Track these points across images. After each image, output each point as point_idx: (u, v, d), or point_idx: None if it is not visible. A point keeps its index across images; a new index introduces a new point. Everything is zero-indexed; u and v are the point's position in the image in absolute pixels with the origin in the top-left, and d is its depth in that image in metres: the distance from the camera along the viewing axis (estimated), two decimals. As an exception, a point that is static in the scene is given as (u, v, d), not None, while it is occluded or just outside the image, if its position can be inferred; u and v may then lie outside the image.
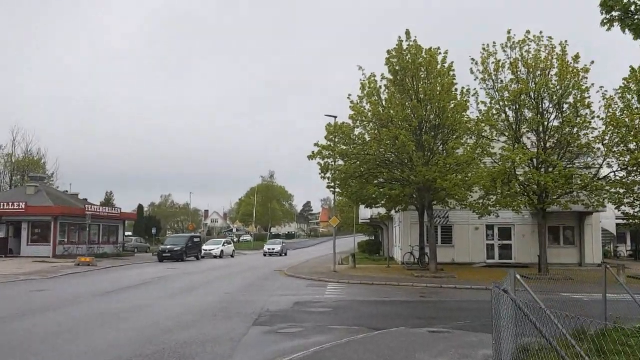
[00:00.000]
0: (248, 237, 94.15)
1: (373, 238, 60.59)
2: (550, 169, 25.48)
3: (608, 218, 39.54)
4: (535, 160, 25.97)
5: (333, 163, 27.22)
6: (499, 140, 26.69)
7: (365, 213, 45.82)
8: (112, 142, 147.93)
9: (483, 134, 26.68)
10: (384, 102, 26.29)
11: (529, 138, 27.00)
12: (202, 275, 28.50)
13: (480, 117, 26.32)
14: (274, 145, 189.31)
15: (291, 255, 55.51)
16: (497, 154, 25.76)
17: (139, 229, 74.36)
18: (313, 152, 27.21)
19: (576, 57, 25.76)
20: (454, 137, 25.60)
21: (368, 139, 26.48)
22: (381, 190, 26.60)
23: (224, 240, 53.81)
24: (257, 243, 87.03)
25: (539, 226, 27.48)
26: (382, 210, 33.42)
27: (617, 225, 41.94)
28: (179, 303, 16.43)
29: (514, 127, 26.16)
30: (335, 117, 27.50)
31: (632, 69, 27.25)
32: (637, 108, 26.39)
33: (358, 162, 26.87)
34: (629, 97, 27.22)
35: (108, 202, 78.97)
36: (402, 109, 24.92)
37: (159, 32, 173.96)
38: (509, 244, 35.00)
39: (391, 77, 26.13)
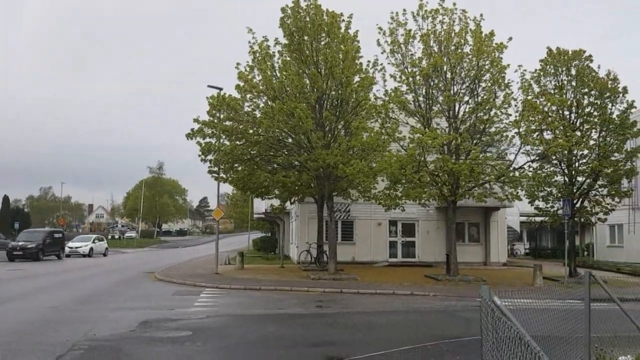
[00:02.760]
0: (133, 234, 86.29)
1: (270, 235, 56.33)
2: (463, 157, 22.62)
3: (512, 215, 38.10)
4: (446, 146, 22.98)
5: (216, 143, 22.59)
6: (407, 124, 23.42)
7: (260, 206, 41.46)
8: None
9: (390, 115, 23.29)
10: (277, 72, 22.08)
11: (438, 124, 23.98)
12: (46, 278, 22.74)
13: (387, 96, 22.89)
14: (169, 136, 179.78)
15: (175, 254, 49.88)
16: (406, 138, 22.42)
17: (4, 224, 65.14)
18: (192, 130, 22.47)
19: (491, 34, 23.02)
20: (359, 116, 21.91)
21: (259, 116, 22.15)
22: (274, 176, 22.34)
23: (94, 236, 46.96)
24: (142, 240, 79.94)
25: (448, 221, 24.57)
26: (277, 202, 29.25)
27: (521, 222, 40.89)
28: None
29: (425, 107, 22.98)
30: (221, 89, 22.91)
31: (550, 50, 25.18)
32: (553, 92, 24.26)
33: (247, 143, 22.50)
34: (544, 80, 25.16)
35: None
36: (298, 79, 20.82)
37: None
38: (413, 241, 32.20)
39: (287, 42, 21.97)
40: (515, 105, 23.05)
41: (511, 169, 22.61)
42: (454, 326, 12.41)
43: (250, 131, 22.37)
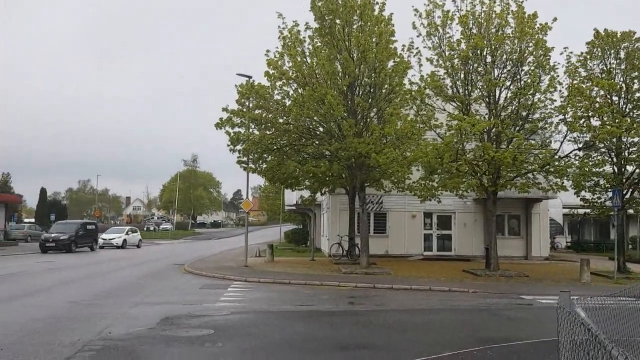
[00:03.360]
0: (168, 226, 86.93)
1: (301, 227, 55.66)
2: (504, 145, 21.34)
3: (555, 207, 36.42)
4: (487, 134, 21.72)
5: (246, 132, 21.85)
6: (444, 111, 22.23)
7: (291, 198, 40.79)
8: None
9: (426, 101, 22.13)
10: (308, 58, 21.17)
11: (477, 111, 22.71)
12: (73, 271, 22.49)
13: (423, 81, 21.72)
14: (207, 131, 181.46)
15: (207, 246, 49.71)
16: (443, 125, 21.25)
17: (42, 216, 66.24)
18: (221, 120, 21.78)
19: (534, 16, 21.57)
20: (393, 103, 20.84)
21: (289, 104, 21.31)
22: (304, 167, 21.48)
23: (127, 228, 47.05)
24: (177, 232, 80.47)
25: (488, 213, 23.30)
26: (307, 194, 28.44)
27: (564, 215, 39.12)
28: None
29: (464, 92, 21.74)
30: (250, 77, 22.15)
31: (597, 32, 23.59)
32: (601, 77, 22.68)
33: (277, 132, 21.70)
34: (591, 64, 23.60)
35: (5, 185, 70.07)
36: (329, 65, 19.85)
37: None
38: (449, 234, 31.00)
39: (317, 26, 21.02)
40: (560, 91, 21.68)
41: (557, 157, 21.21)
42: (499, 328, 11.36)
43: (280, 120, 21.55)
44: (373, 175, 22.36)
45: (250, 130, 21.82)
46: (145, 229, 79.72)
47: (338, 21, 20.64)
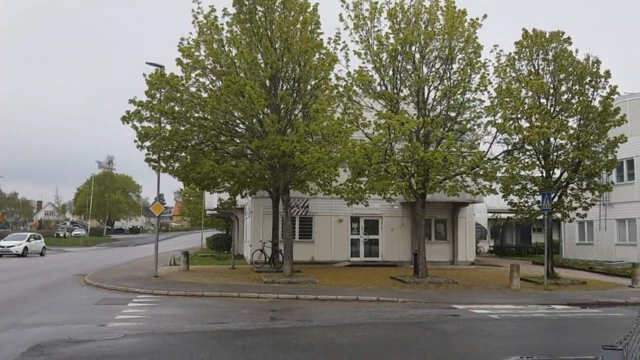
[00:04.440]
0: (81, 232, 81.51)
1: (224, 232, 53.24)
2: (433, 146, 20.38)
3: (480, 211, 36.32)
4: (415, 134, 20.70)
5: (156, 127, 19.63)
6: (372, 108, 21.02)
7: (213, 202, 38.48)
8: None
9: (354, 99, 20.85)
10: (226, 46, 19.31)
11: (406, 111, 21.66)
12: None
13: (350, 77, 20.42)
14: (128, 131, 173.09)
15: (122, 253, 46.34)
16: (371, 124, 19.99)
17: None
18: (128, 113, 19.45)
19: (463, 12, 20.83)
20: (319, 99, 19.35)
21: (205, 96, 19.33)
22: (221, 166, 19.53)
23: (29, 234, 42.90)
24: (91, 238, 75.51)
25: (416, 217, 22.29)
26: (227, 196, 26.44)
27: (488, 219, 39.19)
28: None
29: (393, 89, 20.62)
30: (162, 67, 19.95)
31: (525, 32, 23.19)
32: (529, 77, 22.23)
33: (192, 127, 19.65)
34: (519, 64, 23.18)
35: None
36: (249, 53, 18.07)
37: None
38: (376, 239, 29.94)
39: (235, 12, 19.21)
40: (489, 92, 21.03)
41: (486, 159, 20.46)
42: (435, 346, 10.00)
43: (195, 114, 19.51)
44: (298, 176, 20.78)
45: (162, 125, 19.63)
46: (55, 234, 74.23)
47: (259, 7, 18.93)
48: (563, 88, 22.38)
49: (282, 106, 19.43)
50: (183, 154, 20.14)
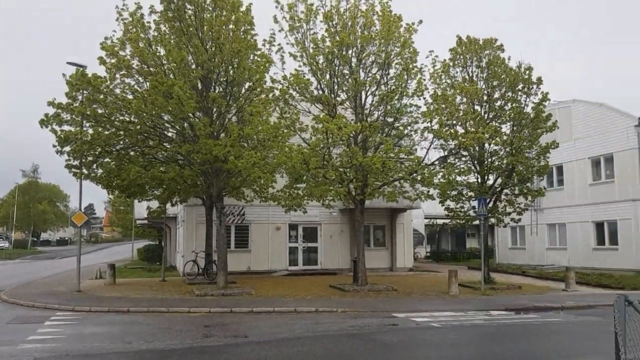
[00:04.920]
0: (4, 244, 76.64)
1: (157, 243, 51.19)
2: (371, 152, 20.03)
3: (418, 217, 36.48)
4: (354, 139, 20.32)
5: (77, 131, 18.23)
6: (309, 113, 20.50)
7: (142, 211, 36.74)
8: None
9: (290, 102, 20.24)
10: (153, 45, 18.23)
11: (344, 116, 21.25)
12: None
13: (286, 80, 19.82)
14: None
15: (47, 266, 43.54)
16: (308, 128, 19.43)
17: None
18: (46, 116, 18.00)
19: (399, 18, 20.69)
20: (254, 102, 18.58)
21: (132, 97, 18.14)
22: (148, 172, 18.36)
23: (-61, 248, 39.71)
24: (15, 251, 71.02)
25: (355, 223, 21.86)
26: (157, 204, 25.11)
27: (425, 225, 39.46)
28: None
29: (330, 93, 20.16)
30: (84, 67, 18.60)
31: (459, 39, 23.35)
32: (464, 84, 22.35)
33: (119, 132, 18.39)
34: (453, 71, 23.30)
35: None
36: (178, 52, 17.06)
37: None
38: (315, 247, 29.35)
39: (163, 9, 18.18)
40: (425, 98, 20.93)
41: (423, 164, 20.31)
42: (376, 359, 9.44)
43: (120, 117, 18.28)
44: (232, 182, 19.88)
45: (84, 129, 18.26)
46: (-27, 247, 69.43)
47: (188, 5, 17.99)
48: (496, 95, 22.64)
49: (214, 109, 18.51)
50: (107, 160, 18.82)
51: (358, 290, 19.85)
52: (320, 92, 19.85)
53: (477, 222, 24.44)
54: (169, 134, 19.72)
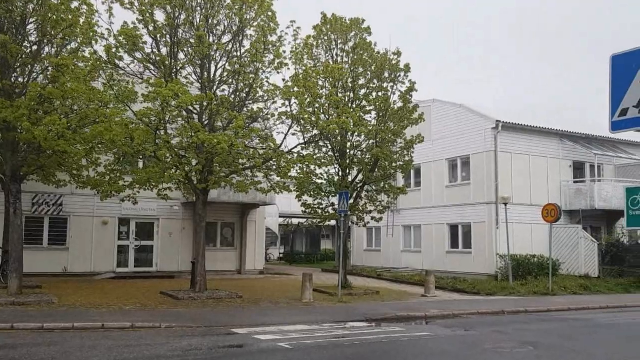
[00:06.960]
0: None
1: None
2: (220, 129, 16.75)
3: (272, 215, 33.71)
4: (198, 115, 16.89)
5: None
6: (141, 79, 16.60)
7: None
8: None
9: (120, 66, 16.25)
10: None
11: (184, 85, 17.61)
12: None
13: (113, 36, 15.82)
14: None
15: None
16: (139, 96, 15.58)
17: None
18: None
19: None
20: (65, 50, 14.37)
21: None
22: None
23: None
24: None
25: (197, 218, 18.37)
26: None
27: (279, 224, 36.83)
28: None
29: (169, 54, 16.53)
30: None
31: (324, 16, 20.93)
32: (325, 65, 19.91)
33: None
34: (316, 51, 20.87)
35: None
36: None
37: None
38: (151, 246, 25.25)
39: None
40: (285, 79, 18.03)
41: (280, 150, 17.42)
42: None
43: None
44: (35, 160, 15.38)
45: None
46: None
47: None
48: (362, 81, 20.53)
49: (10, 60, 13.98)
50: None
51: (194, 298, 16.40)
52: (157, 50, 16.10)
53: (334, 221, 22.30)
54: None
